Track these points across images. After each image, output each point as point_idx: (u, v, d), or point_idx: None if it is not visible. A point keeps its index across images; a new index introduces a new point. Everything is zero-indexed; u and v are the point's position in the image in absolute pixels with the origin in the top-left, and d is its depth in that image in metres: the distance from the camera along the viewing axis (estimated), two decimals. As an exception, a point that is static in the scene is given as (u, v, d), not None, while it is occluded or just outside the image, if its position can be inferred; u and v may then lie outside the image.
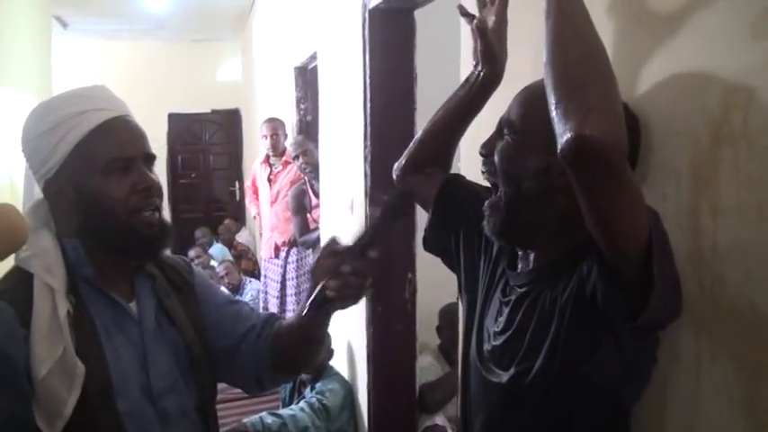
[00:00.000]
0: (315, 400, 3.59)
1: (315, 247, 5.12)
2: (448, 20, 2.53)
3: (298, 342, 1.49)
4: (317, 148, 4.75)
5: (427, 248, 1.65)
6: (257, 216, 5.69)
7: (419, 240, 3.32)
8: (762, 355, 1.10)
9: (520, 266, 1.36)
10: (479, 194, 1.45)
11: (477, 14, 1.49)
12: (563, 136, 1.01)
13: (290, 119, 5.83)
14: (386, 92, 3.28)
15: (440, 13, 3.04)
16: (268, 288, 5.55)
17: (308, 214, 5.10)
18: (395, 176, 1.67)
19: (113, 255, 1.39)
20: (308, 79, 5.61)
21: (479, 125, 1.57)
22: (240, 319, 1.54)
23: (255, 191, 5.84)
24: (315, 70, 4.83)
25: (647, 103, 1.30)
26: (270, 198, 5.50)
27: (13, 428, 1.25)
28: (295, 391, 3.93)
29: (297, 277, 5.35)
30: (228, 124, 10.69)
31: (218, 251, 7.80)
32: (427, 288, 3.49)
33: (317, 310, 1.38)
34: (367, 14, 3.25)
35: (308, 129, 5.56)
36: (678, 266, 1.15)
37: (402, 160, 1.65)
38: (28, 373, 1.24)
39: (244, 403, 4.17)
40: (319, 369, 3.75)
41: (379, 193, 1.36)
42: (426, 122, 1.63)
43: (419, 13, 3.26)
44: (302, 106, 5.76)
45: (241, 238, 8.58)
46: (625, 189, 1.05)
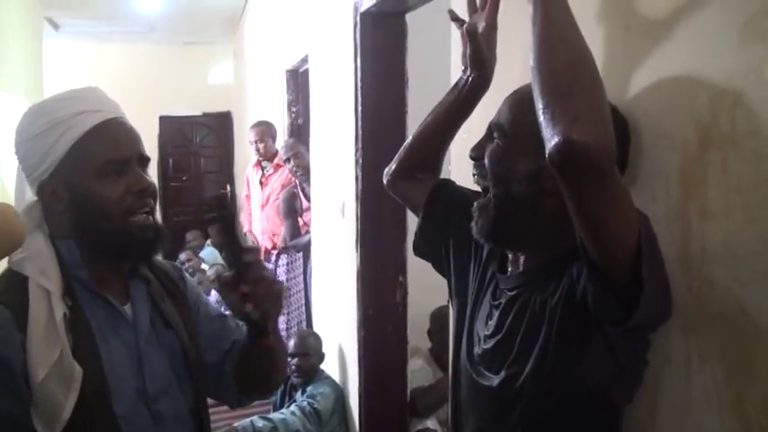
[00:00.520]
0: (306, 403, 3.58)
1: (305, 251, 5.11)
2: (439, 23, 2.53)
3: (250, 367, 1.51)
4: (308, 151, 4.75)
5: (417, 253, 1.65)
6: (249, 232, 5.65)
7: (410, 243, 3.32)
8: (750, 356, 1.11)
9: (510, 269, 1.36)
10: (469, 199, 1.45)
11: (468, 19, 1.49)
12: (551, 141, 1.02)
13: (281, 122, 5.82)
14: (377, 95, 3.29)
15: (431, 17, 3.05)
16: None
17: (298, 217, 5.10)
18: (385, 181, 1.67)
19: (108, 257, 1.38)
20: (299, 82, 5.61)
21: (469, 129, 1.58)
22: (225, 336, 1.55)
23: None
24: (306, 73, 4.84)
25: (636, 106, 1.31)
26: (261, 201, 5.50)
27: None
28: (286, 394, 3.92)
29: (287, 281, 5.34)
30: (220, 127, 10.66)
31: (209, 254, 7.77)
32: (418, 291, 3.49)
33: (256, 336, 1.41)
34: (358, 18, 3.25)
35: (300, 132, 5.55)
36: (667, 269, 1.16)
37: (392, 165, 1.65)
38: (25, 376, 1.23)
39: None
40: (310, 373, 3.74)
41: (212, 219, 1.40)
42: (416, 127, 1.63)
43: (410, 17, 3.27)
44: (293, 109, 5.75)
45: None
46: (614, 193, 1.05)
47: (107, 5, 7.78)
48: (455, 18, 1.53)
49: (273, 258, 5.38)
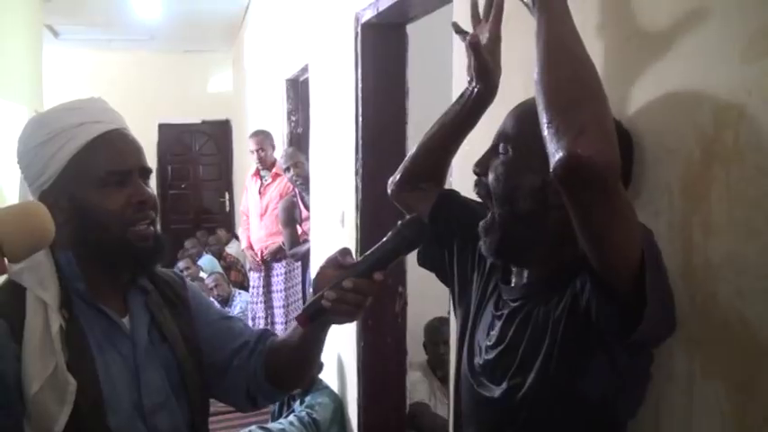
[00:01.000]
0: (304, 413, 3.57)
1: (304, 260, 5.11)
2: (439, 35, 2.55)
3: (291, 358, 1.48)
4: (307, 160, 4.76)
5: (421, 263, 1.65)
6: (247, 249, 5.65)
7: (409, 254, 3.33)
8: (753, 371, 1.10)
9: (514, 281, 1.36)
10: (473, 210, 1.45)
11: (471, 31, 1.50)
12: (555, 155, 1.02)
13: (280, 131, 5.83)
14: (377, 105, 3.29)
15: (432, 28, 3.06)
16: (256, 299, 5.53)
17: (297, 226, 5.09)
18: (389, 191, 1.67)
19: (107, 268, 1.38)
20: (299, 91, 5.62)
21: (471, 140, 1.57)
22: (233, 336, 1.52)
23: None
24: (306, 83, 4.84)
25: (639, 120, 1.31)
26: (260, 211, 5.49)
27: None
28: (284, 404, 3.91)
29: (285, 290, 5.34)
30: (219, 135, 10.68)
31: (208, 262, 7.77)
32: (416, 302, 3.49)
33: (309, 319, 1.35)
34: (359, 28, 3.26)
35: (299, 141, 5.56)
36: (670, 283, 1.16)
37: (396, 175, 1.65)
38: (19, 389, 1.23)
39: (233, 416, 4.14)
40: (309, 382, 3.73)
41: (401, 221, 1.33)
42: (421, 138, 1.63)
43: (411, 28, 3.28)
44: (293, 118, 5.76)
45: (231, 249, 8.56)
46: (618, 208, 1.05)
47: (107, 13, 7.80)
48: (459, 30, 1.53)
49: (263, 269, 5.40)
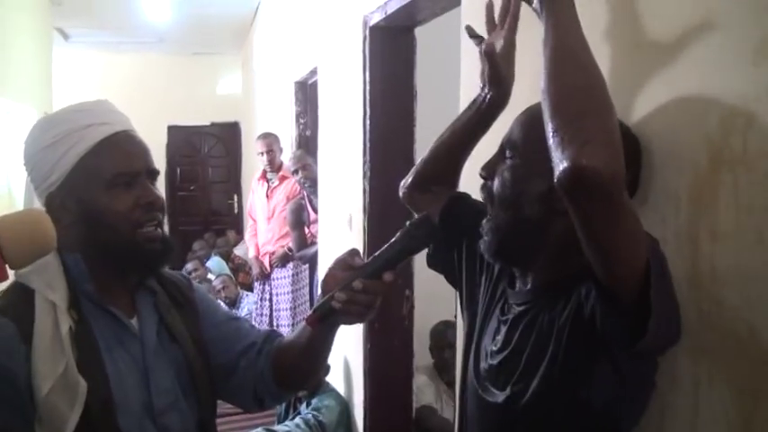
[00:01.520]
0: (310, 416, 3.57)
1: (311, 263, 5.11)
2: (448, 38, 2.55)
3: (299, 359, 1.48)
4: (316, 162, 4.76)
5: (431, 265, 1.65)
6: (255, 259, 5.64)
7: (417, 257, 3.33)
8: (759, 379, 1.10)
9: (518, 286, 1.36)
10: (483, 213, 1.45)
11: (486, 37, 1.48)
12: (560, 165, 1.01)
13: (289, 133, 5.84)
14: (386, 109, 3.30)
15: (440, 32, 3.06)
16: (260, 311, 5.54)
17: (305, 229, 5.10)
18: (401, 193, 1.67)
19: (115, 269, 1.38)
20: (307, 94, 5.62)
21: (478, 146, 1.57)
22: (240, 336, 1.53)
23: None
24: (315, 85, 4.85)
25: (647, 126, 1.30)
26: (267, 214, 5.50)
27: None
28: (290, 406, 3.91)
29: (292, 292, 5.34)
30: (228, 137, 10.70)
31: (216, 264, 7.78)
32: (422, 305, 3.48)
33: (319, 320, 1.35)
34: (368, 32, 3.27)
35: (308, 143, 5.57)
36: (677, 290, 1.15)
37: (408, 178, 1.66)
38: (30, 390, 1.23)
39: (239, 418, 4.14)
40: (315, 385, 3.73)
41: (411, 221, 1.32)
42: (429, 141, 1.63)
43: (419, 31, 3.28)
44: (302, 121, 5.77)
45: (239, 251, 8.56)
46: (622, 219, 1.04)
47: (117, 16, 7.83)
48: (473, 35, 1.52)
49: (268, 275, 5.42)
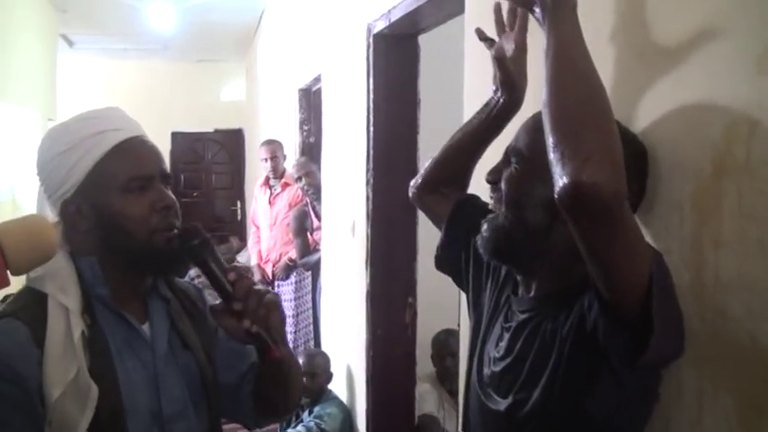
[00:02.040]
0: (313, 424, 3.56)
1: (314, 270, 5.11)
2: (451, 46, 2.55)
3: (266, 391, 1.49)
4: (319, 170, 4.77)
5: (439, 267, 1.64)
6: (257, 267, 5.61)
7: (420, 264, 3.33)
8: (764, 390, 1.09)
9: (521, 292, 1.35)
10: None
11: (496, 39, 1.48)
12: (560, 181, 1.01)
13: (292, 140, 5.85)
14: (389, 116, 3.30)
15: (444, 39, 3.07)
16: None
17: (308, 236, 5.10)
18: (410, 194, 1.67)
19: (130, 273, 1.38)
20: (311, 101, 5.64)
21: (488, 150, 1.57)
22: (243, 356, 1.52)
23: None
24: (318, 92, 4.86)
25: (651, 134, 1.30)
26: (269, 221, 5.49)
27: None
28: (293, 415, 3.90)
29: (294, 299, 5.34)
30: (231, 144, 10.73)
31: (219, 271, 7.77)
32: (425, 313, 3.48)
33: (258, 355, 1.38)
34: (372, 39, 3.28)
35: (311, 150, 5.57)
36: (680, 300, 1.15)
37: (418, 179, 1.65)
38: (41, 394, 1.23)
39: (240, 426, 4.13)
40: (318, 392, 3.73)
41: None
42: (436, 149, 1.63)
43: (423, 39, 3.28)
44: (305, 128, 5.78)
45: (242, 258, 8.56)
46: (623, 234, 1.04)
47: (121, 23, 7.86)
48: (483, 38, 1.51)
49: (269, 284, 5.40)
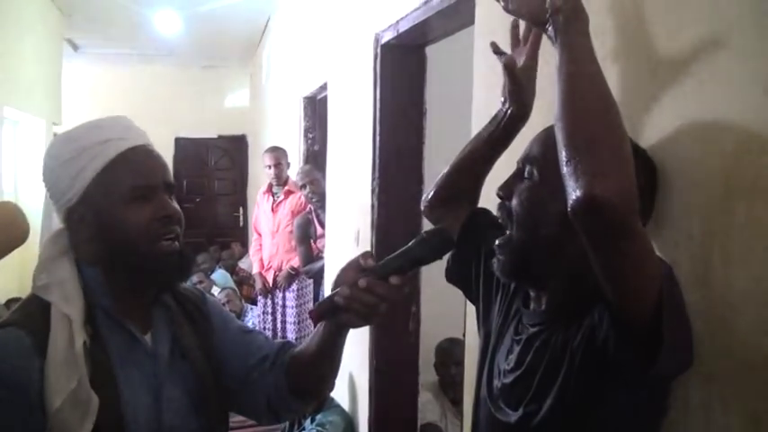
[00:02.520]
0: None
1: (317, 277, 5.11)
2: (459, 57, 2.56)
3: (311, 365, 1.47)
4: (323, 177, 4.77)
5: (449, 279, 1.65)
6: (258, 275, 5.62)
7: (424, 273, 3.33)
8: (771, 405, 1.10)
9: (532, 306, 1.36)
10: (504, 229, 1.45)
11: (509, 53, 1.49)
12: (573, 195, 1.02)
13: (297, 147, 5.86)
14: (395, 126, 3.31)
15: (452, 50, 3.08)
16: (276, 315, 5.52)
17: (312, 243, 5.10)
18: (422, 207, 1.69)
19: (133, 284, 1.39)
20: (316, 109, 5.65)
21: (496, 164, 1.58)
22: (253, 349, 1.52)
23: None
24: (324, 101, 4.87)
25: (661, 150, 1.31)
26: (272, 228, 5.50)
27: None
28: (295, 422, 3.90)
29: (297, 306, 5.34)
30: (234, 150, 10.75)
31: (221, 277, 7.79)
32: (428, 323, 3.48)
33: (321, 315, 1.35)
34: (379, 49, 3.29)
35: (316, 158, 5.58)
36: (689, 316, 1.16)
37: (430, 192, 1.67)
38: (41, 404, 1.23)
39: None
40: (320, 401, 3.73)
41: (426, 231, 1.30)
42: (442, 160, 1.64)
43: (430, 50, 3.30)
44: (310, 136, 5.79)
45: (244, 264, 8.57)
46: (636, 248, 1.05)
47: (127, 28, 7.88)
48: (498, 51, 1.52)
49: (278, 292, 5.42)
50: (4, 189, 5.57)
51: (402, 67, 3.30)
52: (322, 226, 4.90)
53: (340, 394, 3.89)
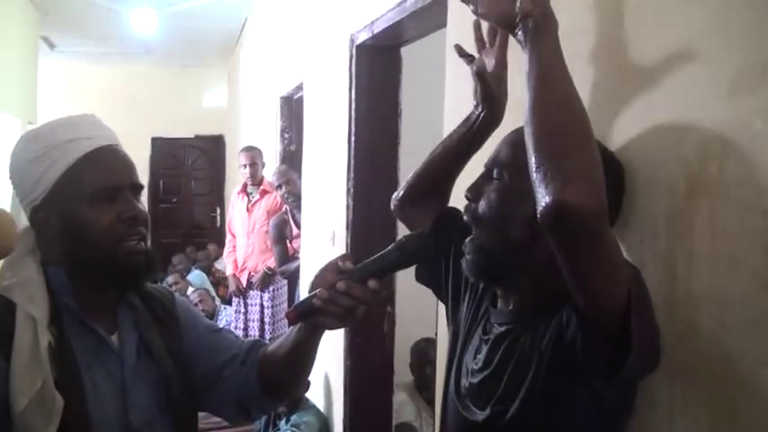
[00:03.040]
0: (290, 432, 3.56)
1: (292, 278, 5.10)
2: (433, 58, 2.57)
3: (284, 364, 1.47)
4: (300, 178, 4.77)
5: (418, 279, 1.65)
6: (232, 277, 5.62)
7: (399, 274, 3.34)
8: (734, 402, 1.12)
9: (500, 305, 1.37)
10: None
11: (476, 55, 1.50)
12: (542, 201, 1.02)
13: (273, 148, 5.84)
14: (370, 126, 3.32)
15: (426, 51, 3.09)
16: (249, 314, 5.50)
17: (288, 244, 5.09)
18: (392, 206, 1.69)
19: (97, 284, 1.38)
20: (293, 109, 5.64)
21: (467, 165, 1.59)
22: (223, 348, 1.52)
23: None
24: (300, 101, 4.87)
25: (626, 151, 1.32)
26: (247, 228, 5.48)
27: None
28: (270, 423, 3.90)
29: (272, 307, 5.33)
30: (212, 150, 10.68)
31: (197, 277, 7.75)
32: (403, 323, 3.49)
33: (298, 317, 1.34)
34: (354, 50, 3.29)
35: (292, 158, 5.57)
36: (655, 318, 1.17)
37: (400, 192, 1.67)
38: (6, 405, 1.22)
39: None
40: (295, 401, 3.72)
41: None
42: (416, 160, 1.64)
43: (405, 51, 3.31)
44: (286, 136, 5.77)
45: (220, 264, 8.52)
46: (605, 253, 1.06)
47: (103, 26, 7.81)
48: (462, 54, 1.52)
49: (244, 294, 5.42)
50: (-24, 188, 5.51)
51: (377, 67, 3.31)
52: (298, 226, 4.89)
53: (315, 394, 3.89)
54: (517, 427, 1.23)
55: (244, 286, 5.42)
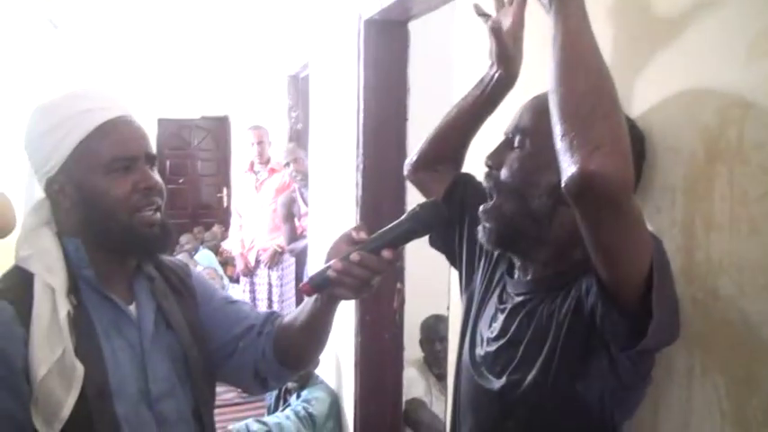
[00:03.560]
0: (300, 407, 3.58)
1: (300, 257, 5.11)
2: (441, 33, 2.56)
3: (300, 335, 1.48)
4: (307, 156, 4.76)
5: (432, 244, 1.64)
6: (240, 257, 5.60)
7: (408, 250, 3.34)
8: (752, 368, 1.12)
9: (517, 275, 1.36)
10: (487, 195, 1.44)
11: (494, 15, 1.47)
12: (568, 170, 1.00)
13: (280, 126, 5.83)
14: (379, 102, 3.30)
15: (434, 26, 3.07)
16: (257, 293, 5.52)
17: (296, 222, 5.09)
18: (405, 172, 1.67)
19: (114, 254, 1.38)
20: (299, 87, 5.62)
21: (480, 131, 1.58)
22: (239, 319, 1.53)
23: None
24: (306, 79, 4.85)
25: (644, 117, 1.32)
26: (255, 207, 5.48)
27: (11, 430, 1.24)
28: (281, 398, 3.92)
29: (281, 286, 5.34)
30: (218, 130, 10.67)
31: (205, 257, 7.77)
32: (413, 299, 3.49)
33: (313, 288, 1.34)
34: (362, 25, 3.27)
35: (299, 137, 5.56)
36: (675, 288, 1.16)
37: (413, 156, 1.64)
38: (26, 373, 1.23)
39: (230, 410, 4.15)
40: (305, 377, 3.74)
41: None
42: (425, 137, 1.63)
43: (413, 26, 3.29)
44: (293, 114, 5.76)
45: (227, 245, 8.54)
46: (629, 224, 1.04)
47: (108, 5, 7.78)
48: (481, 13, 1.50)
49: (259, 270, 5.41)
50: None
51: (385, 43, 3.27)
52: (306, 204, 4.89)
53: (325, 370, 3.90)
54: (533, 395, 1.24)
55: (252, 265, 5.43)
